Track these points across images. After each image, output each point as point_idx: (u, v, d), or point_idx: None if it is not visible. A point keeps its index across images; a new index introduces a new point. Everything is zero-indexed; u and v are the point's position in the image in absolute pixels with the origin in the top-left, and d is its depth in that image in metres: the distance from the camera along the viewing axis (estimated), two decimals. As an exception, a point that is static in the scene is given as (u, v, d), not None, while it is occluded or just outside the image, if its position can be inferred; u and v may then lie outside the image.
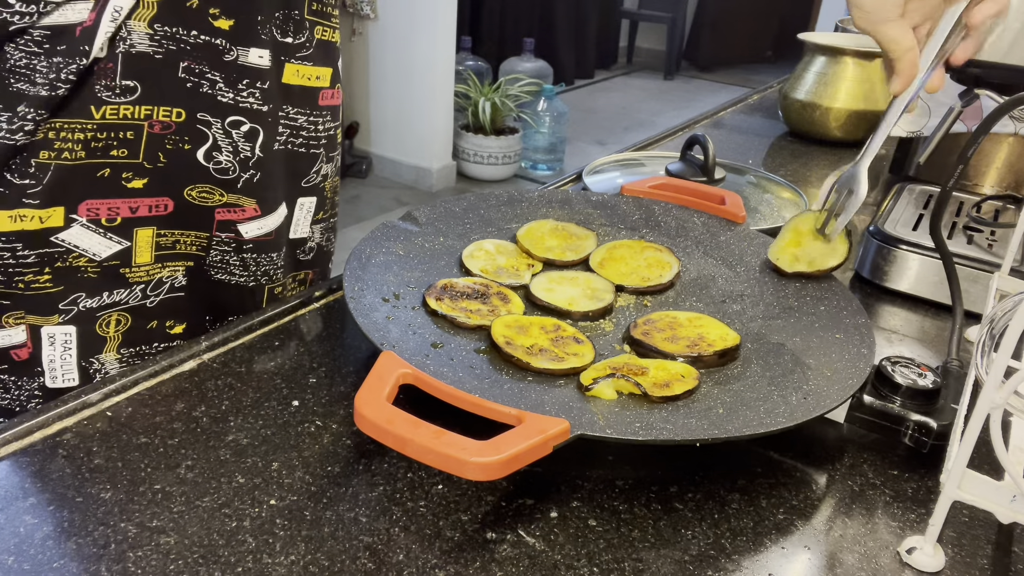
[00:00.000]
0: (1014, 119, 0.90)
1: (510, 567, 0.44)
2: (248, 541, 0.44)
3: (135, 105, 0.62)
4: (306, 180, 0.75)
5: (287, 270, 0.78)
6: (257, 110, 0.68)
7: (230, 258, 0.72)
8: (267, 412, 0.55)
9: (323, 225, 0.81)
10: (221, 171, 0.68)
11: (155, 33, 0.61)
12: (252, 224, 0.71)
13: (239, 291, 0.74)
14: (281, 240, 0.75)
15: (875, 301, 0.80)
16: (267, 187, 0.71)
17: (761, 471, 0.53)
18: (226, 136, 0.67)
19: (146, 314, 0.70)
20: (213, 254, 0.72)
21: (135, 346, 0.71)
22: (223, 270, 0.73)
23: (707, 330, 0.62)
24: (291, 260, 0.78)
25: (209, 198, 0.68)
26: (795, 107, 1.27)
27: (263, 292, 0.76)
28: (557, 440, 0.45)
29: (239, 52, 0.65)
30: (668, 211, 0.81)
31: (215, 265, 0.72)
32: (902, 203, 0.91)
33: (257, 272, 0.74)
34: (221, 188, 0.68)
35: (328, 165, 0.78)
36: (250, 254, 0.73)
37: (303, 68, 0.71)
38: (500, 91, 3.75)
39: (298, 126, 0.73)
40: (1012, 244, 0.68)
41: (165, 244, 0.69)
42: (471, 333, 0.61)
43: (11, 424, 0.51)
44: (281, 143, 0.72)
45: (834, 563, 0.46)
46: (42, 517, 0.45)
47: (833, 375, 0.56)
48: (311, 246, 0.80)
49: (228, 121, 0.66)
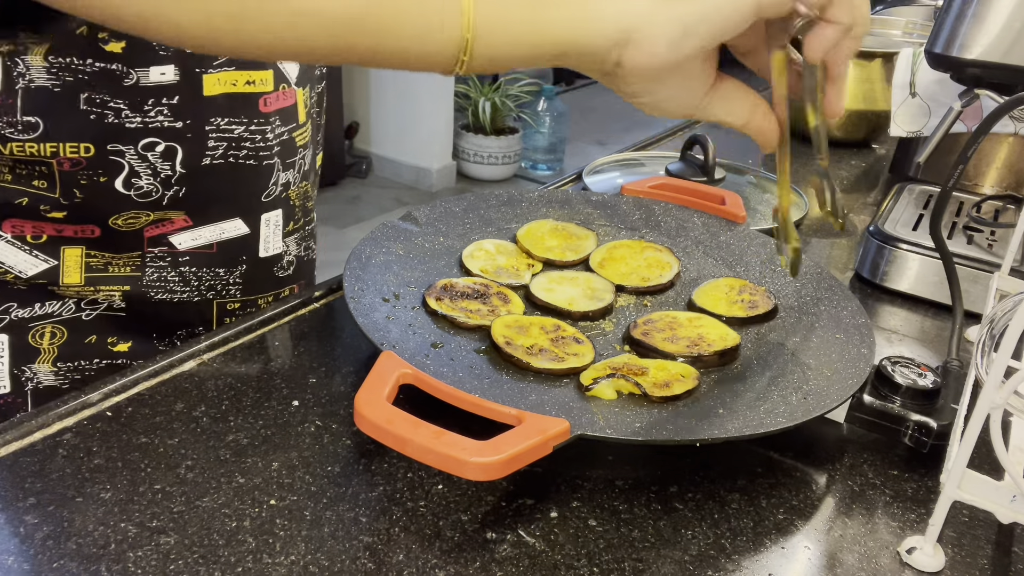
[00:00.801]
0: (1014, 119, 0.90)
1: (510, 567, 0.44)
2: (248, 541, 0.44)
3: (39, 143, 0.60)
4: (266, 194, 0.71)
5: (261, 289, 0.75)
6: (170, 128, 0.64)
7: (167, 274, 0.69)
8: (267, 412, 0.55)
9: (297, 236, 0.78)
10: (143, 195, 0.65)
11: (51, 66, 0.58)
12: (184, 235, 0.68)
13: (183, 308, 0.71)
14: (232, 256, 0.72)
15: (875, 301, 0.80)
16: (197, 200, 0.68)
17: (761, 471, 0.53)
18: (142, 160, 0.63)
19: (83, 328, 0.68)
20: (149, 272, 0.68)
21: (73, 360, 0.69)
22: (162, 288, 0.69)
23: (707, 330, 0.62)
24: (269, 279, 0.75)
25: (136, 221, 0.66)
26: (795, 107, 1.27)
27: (211, 308, 0.72)
28: (557, 440, 0.45)
29: (138, 74, 0.61)
30: (668, 211, 0.80)
31: (153, 285, 0.69)
32: (902, 203, 0.91)
33: (200, 287, 0.71)
34: (147, 210, 0.66)
35: (288, 173, 0.74)
36: (188, 267, 0.69)
37: (225, 75, 0.65)
38: (500, 91, 3.75)
39: (237, 137, 0.67)
40: (1012, 244, 0.68)
41: (96, 266, 0.66)
42: (471, 333, 0.61)
43: (11, 424, 0.51)
44: (217, 157, 0.67)
45: (834, 563, 0.46)
46: (42, 517, 0.45)
47: (833, 375, 0.56)
48: (289, 260, 0.77)
49: (141, 145, 0.63)
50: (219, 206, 0.69)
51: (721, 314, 0.65)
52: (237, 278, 0.72)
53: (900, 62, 1.00)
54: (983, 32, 0.73)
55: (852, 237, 0.95)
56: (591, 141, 4.60)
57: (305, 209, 0.78)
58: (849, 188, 1.11)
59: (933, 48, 0.77)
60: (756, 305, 0.66)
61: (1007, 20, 0.71)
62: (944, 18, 0.76)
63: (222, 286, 0.72)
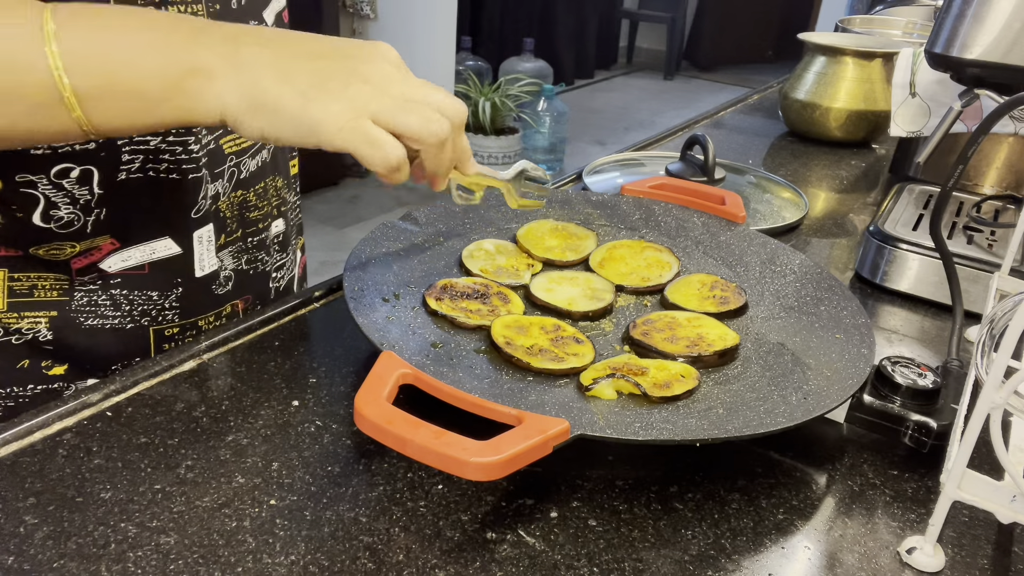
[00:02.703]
0: (1014, 119, 0.90)
1: (510, 567, 0.44)
2: (248, 541, 0.44)
3: None
4: (196, 210, 0.66)
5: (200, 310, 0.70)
6: (82, 150, 0.59)
7: (97, 298, 0.64)
8: (267, 412, 0.55)
9: (233, 249, 0.72)
10: (65, 226, 0.60)
11: None
12: (113, 258, 0.64)
13: (116, 335, 0.66)
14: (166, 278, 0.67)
15: (875, 301, 0.80)
16: (121, 219, 0.63)
17: (761, 471, 0.53)
18: (57, 189, 0.59)
19: (12, 351, 0.63)
20: (78, 297, 0.63)
21: (5, 387, 0.64)
22: (92, 314, 0.64)
23: (707, 330, 0.62)
24: (208, 298, 0.70)
25: (60, 253, 0.61)
26: (795, 107, 1.27)
27: (147, 334, 0.67)
28: (557, 440, 0.45)
29: None
30: (668, 211, 0.80)
31: (82, 310, 0.64)
32: (902, 203, 0.91)
33: (133, 312, 0.66)
34: (71, 240, 0.61)
35: (217, 183, 0.68)
36: (119, 290, 0.65)
37: None
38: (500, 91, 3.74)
39: (154, 149, 0.62)
40: (1012, 244, 0.68)
41: (20, 290, 0.62)
42: (471, 333, 0.61)
43: (11, 424, 0.51)
44: (134, 171, 0.62)
45: (834, 563, 0.46)
46: (42, 517, 0.45)
47: (833, 375, 0.56)
48: (226, 275, 0.72)
49: (54, 173, 0.58)
50: (145, 224, 0.64)
51: (693, 309, 0.66)
52: (173, 302, 0.68)
53: (900, 62, 1.00)
54: (983, 32, 0.73)
55: (852, 237, 0.95)
56: (591, 141, 4.60)
57: (243, 220, 0.72)
58: (849, 188, 1.11)
59: (933, 48, 0.77)
60: (728, 301, 0.67)
61: (1007, 20, 0.71)
62: (944, 18, 0.76)
63: (157, 311, 0.67)
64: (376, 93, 0.49)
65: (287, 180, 0.79)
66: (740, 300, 0.67)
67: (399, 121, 0.50)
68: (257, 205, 0.73)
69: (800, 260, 0.72)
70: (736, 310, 0.66)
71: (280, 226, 0.78)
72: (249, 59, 0.49)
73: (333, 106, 0.48)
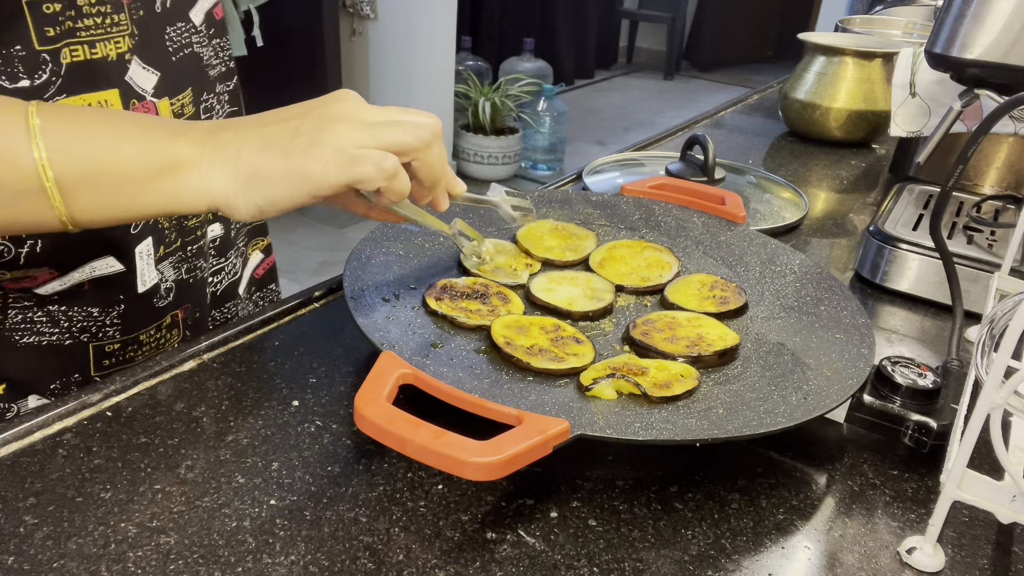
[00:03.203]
0: (1014, 119, 0.90)
1: (510, 567, 0.44)
2: (248, 541, 0.44)
3: None
4: (134, 226, 0.64)
5: (142, 324, 0.68)
6: None
7: (33, 315, 0.62)
8: (267, 412, 0.55)
9: (173, 259, 0.70)
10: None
11: None
12: (51, 284, 0.62)
13: (55, 352, 0.64)
14: (107, 294, 0.65)
15: (875, 301, 0.80)
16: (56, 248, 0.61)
17: (761, 471, 0.53)
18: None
19: None
20: (12, 314, 0.61)
21: None
22: (28, 331, 0.62)
23: (706, 330, 0.62)
24: (149, 312, 0.68)
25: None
26: (795, 107, 1.27)
27: (86, 351, 0.65)
28: (557, 440, 0.45)
29: None
30: (668, 211, 0.80)
31: (17, 328, 0.62)
32: (902, 203, 0.91)
33: (72, 328, 0.63)
34: (3, 270, 0.59)
35: None
36: (57, 307, 0.62)
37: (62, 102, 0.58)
38: (500, 91, 3.74)
39: None
40: (1012, 244, 0.68)
41: None
42: (471, 333, 0.61)
43: (11, 424, 0.51)
44: None
45: (834, 563, 0.46)
46: (42, 517, 0.45)
47: (833, 375, 0.56)
48: (167, 287, 0.69)
49: None
50: (84, 247, 0.62)
51: (693, 310, 0.66)
52: (115, 318, 0.66)
53: (900, 62, 1.00)
54: (983, 32, 0.73)
55: (852, 237, 0.95)
56: (591, 141, 4.60)
57: (181, 229, 0.70)
58: (849, 188, 1.11)
59: (933, 48, 0.77)
60: (728, 301, 0.67)
61: (1007, 20, 0.71)
62: (944, 18, 0.76)
63: (97, 328, 0.65)
64: (350, 126, 0.50)
65: None
66: (740, 300, 0.67)
67: (382, 139, 0.50)
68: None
69: (800, 260, 0.72)
70: (736, 310, 0.66)
71: (217, 230, 0.77)
72: (227, 142, 0.50)
73: (314, 151, 0.49)
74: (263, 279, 0.87)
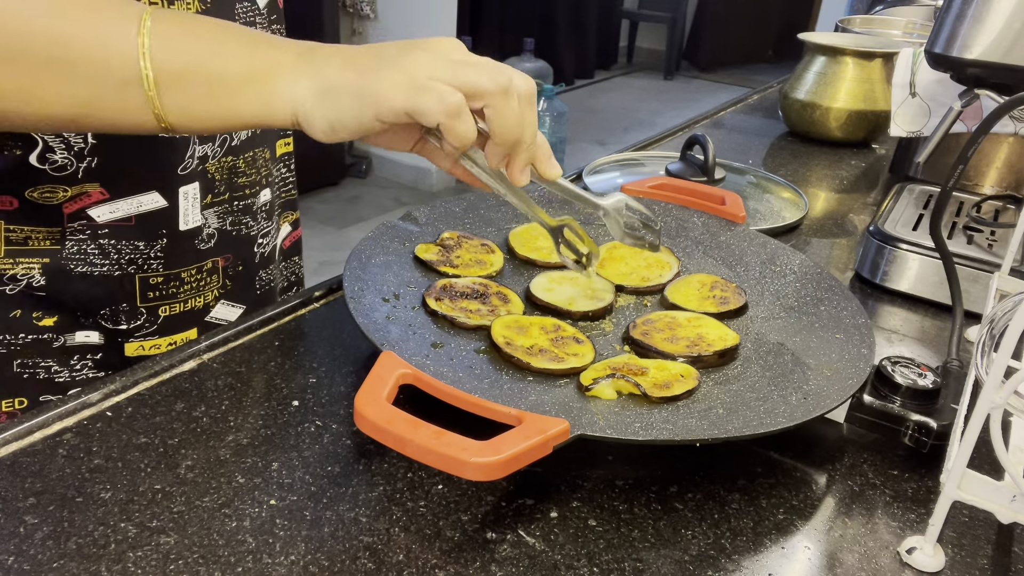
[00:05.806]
0: (1014, 119, 0.90)
1: (510, 567, 0.44)
2: (248, 541, 0.44)
3: None
4: (183, 167, 0.70)
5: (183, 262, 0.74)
6: None
7: (87, 247, 0.68)
8: (267, 412, 0.55)
9: (218, 209, 0.75)
10: (58, 168, 0.64)
11: None
12: (102, 208, 0.68)
13: (105, 282, 0.70)
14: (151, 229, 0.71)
15: (875, 301, 0.80)
16: (111, 171, 0.67)
17: (761, 471, 0.53)
18: (55, 135, 0.63)
19: (6, 301, 0.67)
20: (69, 245, 0.68)
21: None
22: (83, 261, 0.69)
23: (706, 330, 0.62)
24: (190, 251, 0.74)
25: (52, 197, 0.65)
26: (795, 107, 1.27)
27: (133, 282, 0.71)
28: (557, 440, 0.45)
29: None
30: (668, 211, 0.80)
31: (73, 258, 0.68)
32: (902, 203, 0.91)
33: (120, 260, 0.70)
34: (63, 184, 0.65)
35: (206, 146, 0.72)
36: (108, 240, 0.69)
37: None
38: (500, 91, 3.74)
39: None
40: (1012, 244, 0.68)
41: (16, 240, 0.66)
42: (471, 333, 0.61)
43: (11, 424, 0.51)
44: None
45: (834, 563, 0.46)
46: (42, 517, 0.45)
47: (833, 375, 0.56)
48: (209, 233, 0.75)
49: None
50: (134, 178, 0.69)
51: (693, 310, 0.66)
52: (158, 252, 0.71)
53: (900, 62, 1.00)
54: (983, 32, 0.73)
55: (852, 237, 0.95)
56: (591, 141, 4.60)
57: (232, 184, 0.76)
58: (849, 188, 1.11)
59: (933, 48, 0.77)
60: (728, 301, 0.67)
61: (1007, 20, 0.71)
62: (944, 18, 0.76)
63: (143, 260, 0.71)
64: (431, 57, 0.51)
65: (275, 155, 0.83)
66: (740, 300, 0.67)
67: (457, 75, 0.50)
68: (246, 172, 0.77)
69: (800, 260, 0.72)
70: (736, 310, 0.66)
71: (267, 195, 0.81)
72: (319, 57, 0.52)
73: (388, 72, 0.50)
74: (289, 250, 0.92)
